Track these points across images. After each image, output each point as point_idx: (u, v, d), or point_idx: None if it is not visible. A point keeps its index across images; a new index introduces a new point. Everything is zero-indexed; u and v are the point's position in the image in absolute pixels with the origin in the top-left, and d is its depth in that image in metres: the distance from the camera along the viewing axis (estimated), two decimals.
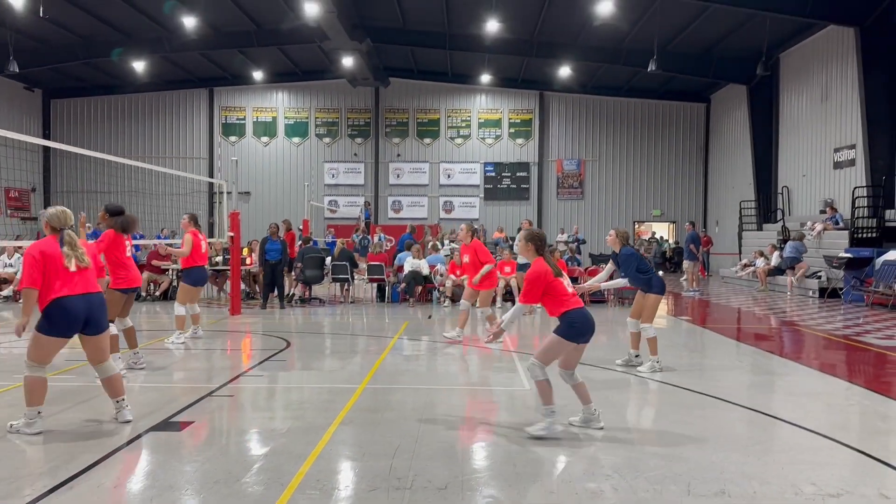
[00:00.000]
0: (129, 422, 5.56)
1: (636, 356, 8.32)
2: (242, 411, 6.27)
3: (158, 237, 20.54)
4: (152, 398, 6.46)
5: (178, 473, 4.48)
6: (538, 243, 5.62)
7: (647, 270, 8.11)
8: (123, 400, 5.63)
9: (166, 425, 5.56)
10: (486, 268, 10.20)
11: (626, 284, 8.27)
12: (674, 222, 31.00)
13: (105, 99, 31.54)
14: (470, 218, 29.95)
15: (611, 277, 8.32)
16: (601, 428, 5.48)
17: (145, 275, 15.42)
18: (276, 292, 14.81)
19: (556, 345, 5.36)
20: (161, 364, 8.24)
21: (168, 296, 15.83)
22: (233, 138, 31.44)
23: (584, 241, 25.38)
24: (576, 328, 5.33)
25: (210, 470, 4.53)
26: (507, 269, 15.33)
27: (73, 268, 5.34)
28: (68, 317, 5.26)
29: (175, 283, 16.14)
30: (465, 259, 10.57)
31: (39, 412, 5.31)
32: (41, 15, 20.00)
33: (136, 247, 16.58)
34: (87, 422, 5.66)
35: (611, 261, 8.34)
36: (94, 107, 31.70)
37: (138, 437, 5.24)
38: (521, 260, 14.32)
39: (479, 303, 10.39)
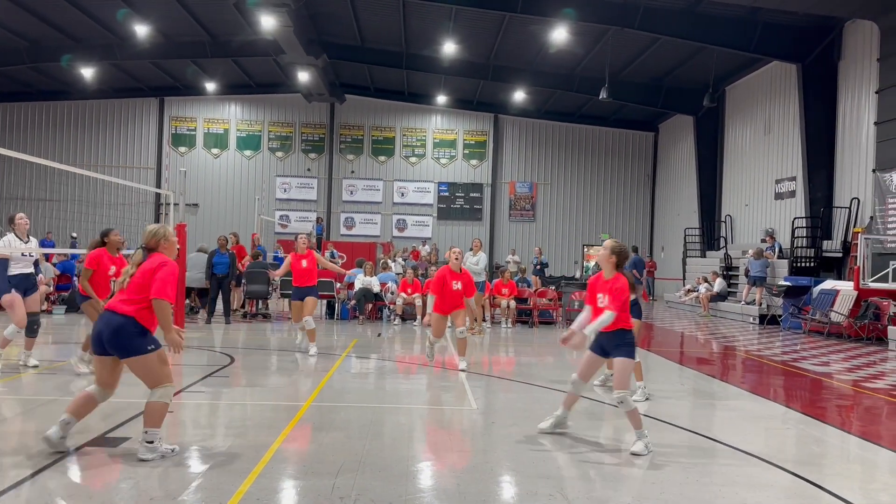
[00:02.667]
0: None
1: (612, 375, 8.38)
2: (182, 428, 6.11)
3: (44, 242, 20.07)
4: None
5: (113, 491, 4.33)
6: (622, 259, 5.72)
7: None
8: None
9: (102, 441, 5.38)
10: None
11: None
12: (631, 247, 31.52)
13: (52, 105, 30.73)
14: (423, 237, 30.03)
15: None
16: (567, 430, 5.86)
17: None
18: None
19: (631, 366, 5.59)
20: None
21: None
22: (182, 149, 30.92)
23: (546, 265, 25.80)
24: (635, 346, 5.70)
25: (147, 488, 4.40)
26: (505, 290, 15.43)
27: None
28: None
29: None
30: (457, 286, 9.37)
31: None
32: None
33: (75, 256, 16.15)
34: (19, 435, 5.44)
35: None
36: (40, 112, 30.84)
37: (72, 453, 5.06)
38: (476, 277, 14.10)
39: (459, 322, 9.44)
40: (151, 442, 4.93)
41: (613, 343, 5.59)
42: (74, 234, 24.14)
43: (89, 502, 4.14)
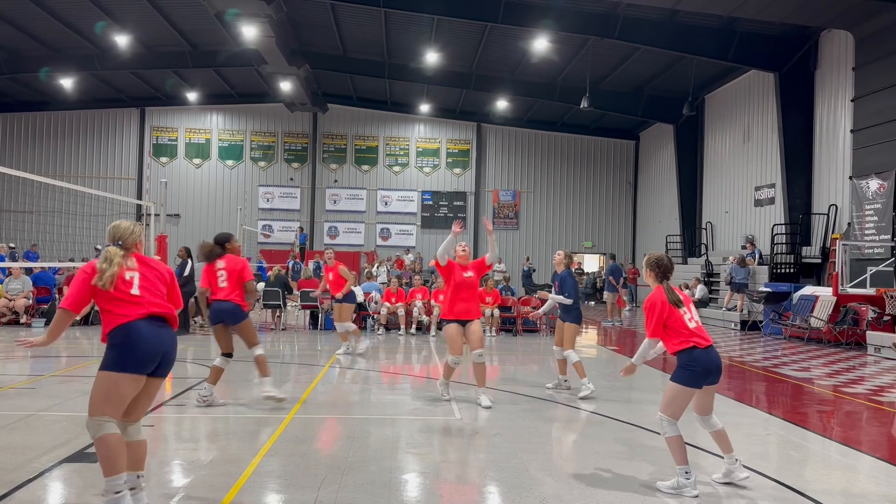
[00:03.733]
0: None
1: (565, 381, 8.65)
2: (164, 442, 6.05)
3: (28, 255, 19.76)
4: (66, 427, 6.18)
5: None
6: (658, 271, 5.09)
7: (573, 299, 8.41)
8: None
9: (81, 456, 5.31)
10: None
11: (569, 301, 8.45)
12: (605, 254, 31.77)
13: (31, 115, 30.46)
14: (407, 245, 30.01)
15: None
16: (746, 477, 4.96)
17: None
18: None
19: (679, 392, 4.76)
20: (76, 392, 7.89)
21: (90, 321, 15.25)
22: (164, 159, 30.73)
23: (534, 270, 26.06)
24: (691, 370, 4.72)
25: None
26: (489, 299, 15.43)
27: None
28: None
29: (96, 308, 15.56)
30: (469, 275, 7.96)
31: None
32: None
33: (55, 269, 15.99)
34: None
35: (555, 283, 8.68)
36: (18, 123, 30.55)
37: (49, 469, 4.99)
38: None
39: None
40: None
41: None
42: (13, 245, 23.15)
43: None
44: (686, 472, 4.72)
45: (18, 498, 4.43)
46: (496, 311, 15.49)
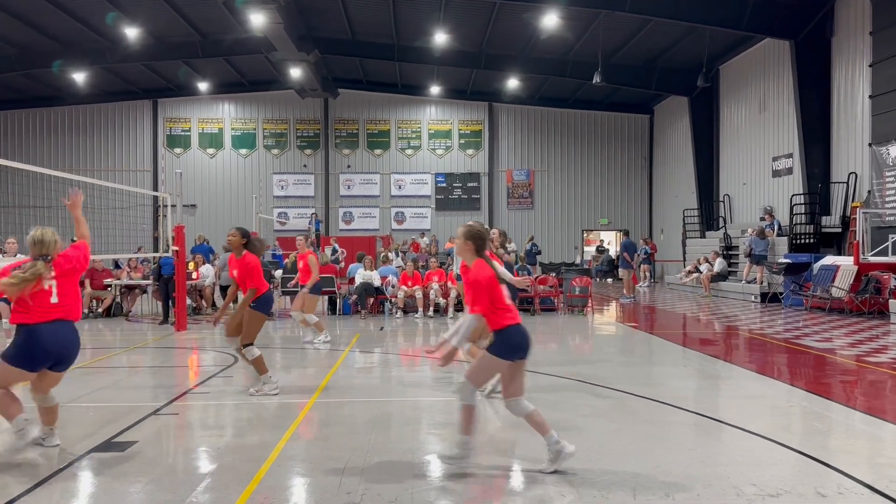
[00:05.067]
0: (57, 446, 5.31)
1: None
2: (189, 429, 6.13)
3: None
4: (93, 418, 6.27)
5: (120, 496, 4.35)
6: (479, 242, 4.82)
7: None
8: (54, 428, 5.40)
9: (108, 446, 5.39)
10: None
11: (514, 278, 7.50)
12: (622, 231, 31.62)
13: (45, 111, 30.67)
14: (422, 229, 30.04)
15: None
16: (571, 452, 4.72)
17: (88, 291, 15.03)
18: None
19: (489, 363, 4.72)
20: (103, 383, 8.01)
21: (112, 312, 15.43)
22: (178, 150, 30.88)
23: (539, 252, 25.86)
24: (511, 343, 4.69)
25: (154, 491, 4.42)
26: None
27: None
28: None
29: (118, 300, 15.80)
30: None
31: (27, 419, 5.13)
32: None
33: None
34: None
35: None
36: (34, 119, 30.78)
37: (78, 459, 5.08)
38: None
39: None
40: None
41: None
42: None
43: None
44: (468, 444, 4.72)
45: (51, 487, 4.51)
46: None
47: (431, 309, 15.45)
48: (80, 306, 5.35)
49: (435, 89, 29.91)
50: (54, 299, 5.02)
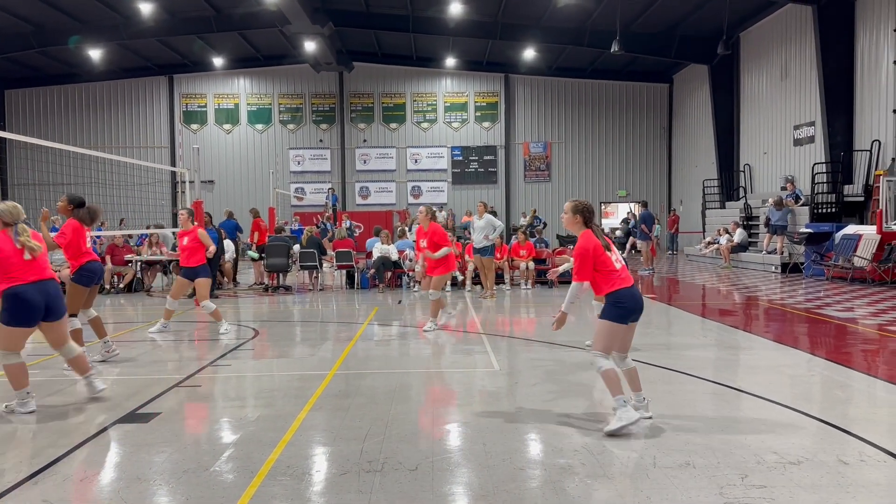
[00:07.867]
0: (102, 390, 6.01)
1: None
2: (211, 401, 6.22)
3: None
4: (118, 391, 6.37)
5: (146, 464, 4.43)
6: (587, 215, 5.27)
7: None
8: (92, 374, 6.03)
9: (133, 417, 5.49)
10: (443, 250, 9.64)
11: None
12: (640, 202, 31.39)
13: (62, 88, 30.84)
14: (439, 202, 30.00)
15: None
16: (650, 418, 5.13)
17: (109, 267, 15.18)
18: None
19: (609, 329, 5.06)
20: (127, 356, 8.13)
21: (133, 288, 15.60)
22: (194, 126, 30.97)
23: (545, 225, 25.67)
24: (623, 307, 5.04)
25: (179, 460, 4.49)
26: (523, 252, 15.51)
27: (27, 257, 5.55)
28: (28, 305, 5.50)
29: (139, 276, 15.95)
30: (423, 243, 10.13)
31: (29, 392, 5.63)
32: None
33: (95, 238, 16.31)
34: (51, 415, 5.57)
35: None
36: (51, 96, 30.97)
37: (105, 429, 5.17)
38: (478, 244, 14.18)
39: (432, 286, 9.84)
40: None
41: None
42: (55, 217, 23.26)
43: (125, 476, 4.24)
44: (624, 401, 4.87)
45: (76, 458, 4.60)
46: (531, 264, 15.46)
47: (449, 282, 15.45)
48: (49, 266, 5.82)
49: (450, 61, 29.66)
50: (27, 256, 5.55)
